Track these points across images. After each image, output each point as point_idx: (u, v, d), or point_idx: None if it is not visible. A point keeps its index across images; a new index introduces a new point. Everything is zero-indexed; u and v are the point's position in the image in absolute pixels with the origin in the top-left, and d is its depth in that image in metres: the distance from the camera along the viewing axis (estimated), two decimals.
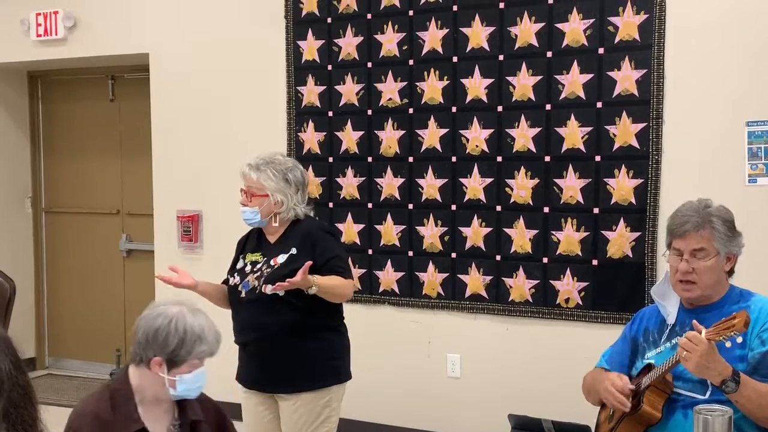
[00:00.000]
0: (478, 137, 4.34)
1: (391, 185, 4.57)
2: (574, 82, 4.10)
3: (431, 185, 4.47)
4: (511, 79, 4.25)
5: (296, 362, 3.20)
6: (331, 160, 4.72)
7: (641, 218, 4.00)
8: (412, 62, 4.48)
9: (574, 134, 4.12)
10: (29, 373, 1.51)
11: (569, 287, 4.16)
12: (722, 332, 2.35)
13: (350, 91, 4.64)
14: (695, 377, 2.56)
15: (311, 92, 4.75)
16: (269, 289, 3.13)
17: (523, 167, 4.24)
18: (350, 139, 4.66)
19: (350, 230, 4.67)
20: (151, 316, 2.35)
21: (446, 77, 4.40)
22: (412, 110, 4.50)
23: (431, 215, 4.48)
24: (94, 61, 5.66)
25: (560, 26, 4.13)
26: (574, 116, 4.12)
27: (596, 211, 4.10)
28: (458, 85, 4.37)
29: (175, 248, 5.24)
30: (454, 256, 4.43)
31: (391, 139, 4.55)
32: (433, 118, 4.44)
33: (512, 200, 4.28)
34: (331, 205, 4.72)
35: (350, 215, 4.68)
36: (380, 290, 4.63)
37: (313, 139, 4.76)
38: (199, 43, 5.11)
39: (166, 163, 5.30)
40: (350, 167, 4.67)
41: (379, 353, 4.62)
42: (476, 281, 4.38)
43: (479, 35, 4.31)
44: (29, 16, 5.58)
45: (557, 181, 4.18)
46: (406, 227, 4.55)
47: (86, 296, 6.24)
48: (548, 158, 4.19)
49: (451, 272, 4.45)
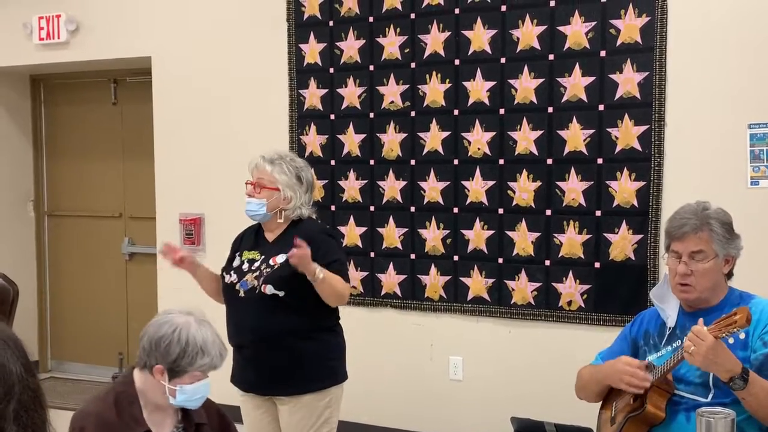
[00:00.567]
0: (480, 140, 4.34)
1: (393, 188, 4.57)
2: (576, 84, 4.11)
3: (433, 188, 4.47)
4: (513, 81, 4.25)
5: (295, 364, 3.17)
6: (333, 163, 4.73)
7: (643, 221, 4.00)
8: (413, 65, 4.48)
9: (576, 137, 4.12)
10: None
11: (571, 290, 4.16)
12: (724, 329, 2.35)
13: (352, 94, 4.65)
14: (698, 380, 2.56)
15: (313, 95, 4.76)
16: (269, 289, 3.11)
17: (525, 170, 4.24)
18: (352, 142, 4.66)
19: (352, 233, 4.67)
20: (157, 323, 2.35)
21: (448, 80, 4.40)
22: (414, 113, 4.50)
23: (433, 218, 4.48)
24: (96, 64, 5.67)
25: (562, 29, 4.13)
26: (576, 119, 4.12)
27: (598, 213, 4.10)
28: (460, 88, 4.38)
29: None
30: (456, 258, 4.44)
31: (393, 142, 4.56)
32: (435, 121, 4.45)
33: (514, 203, 4.28)
34: (333, 207, 4.72)
35: (352, 218, 4.69)
36: (382, 293, 4.63)
37: (315, 142, 4.77)
38: (201, 46, 5.12)
39: (168, 166, 5.30)
40: (352, 170, 4.67)
41: (381, 356, 4.62)
42: (478, 284, 4.38)
43: (481, 38, 4.31)
44: (32, 19, 5.59)
45: (559, 183, 4.18)
46: (408, 230, 4.55)
47: (89, 299, 6.24)
48: (550, 161, 4.19)
49: (453, 275, 4.45)
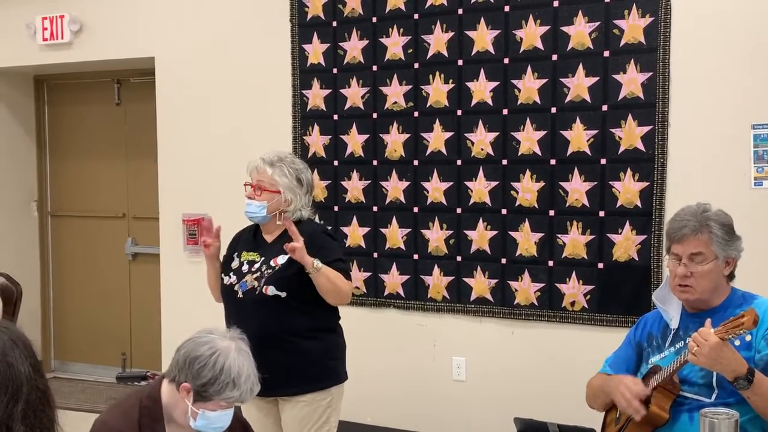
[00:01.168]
0: (483, 140, 4.34)
1: (396, 188, 4.57)
2: (579, 85, 4.10)
3: (436, 188, 4.46)
4: (516, 82, 4.25)
5: (296, 364, 3.16)
6: (336, 163, 4.73)
7: (647, 221, 3.99)
8: (417, 65, 4.48)
9: (579, 137, 4.12)
10: None
11: (575, 290, 4.16)
12: (731, 330, 2.35)
13: (355, 94, 4.64)
14: (701, 380, 2.56)
15: (316, 96, 4.76)
16: (271, 290, 3.11)
17: (528, 170, 4.24)
18: (355, 142, 4.66)
19: (355, 234, 4.67)
20: (198, 341, 2.28)
21: (451, 80, 4.40)
22: (417, 113, 4.50)
23: (436, 218, 4.48)
24: (99, 65, 5.68)
25: (565, 29, 4.12)
26: (579, 119, 4.11)
27: (602, 214, 4.09)
28: (463, 88, 4.37)
29: (180, 252, 5.24)
30: (459, 259, 4.43)
31: (396, 142, 4.55)
32: (438, 121, 4.44)
33: (518, 203, 4.28)
34: (336, 208, 4.72)
35: (355, 219, 4.68)
36: (385, 293, 4.63)
37: (318, 142, 4.77)
38: (204, 47, 5.12)
39: (171, 166, 5.30)
40: (355, 171, 4.67)
41: (384, 356, 4.62)
42: (481, 284, 4.38)
43: (484, 38, 4.31)
44: (35, 20, 5.59)
45: (563, 184, 4.17)
46: (411, 230, 4.54)
47: (92, 299, 6.25)
48: (554, 161, 4.18)
49: (456, 275, 4.44)
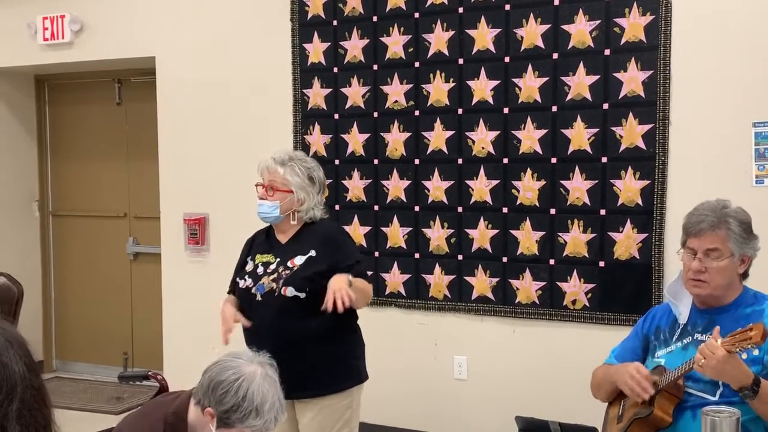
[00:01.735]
0: (484, 139, 4.34)
1: (397, 187, 4.57)
2: (580, 83, 4.10)
3: (437, 187, 4.46)
4: (517, 80, 4.24)
5: (318, 365, 3.10)
6: (337, 162, 4.73)
7: (648, 219, 3.99)
8: (417, 64, 4.48)
9: (580, 136, 4.11)
10: None
11: (576, 289, 4.15)
12: (738, 343, 2.32)
13: (356, 93, 4.64)
14: (706, 377, 2.55)
15: (317, 95, 4.75)
16: (290, 291, 3.05)
17: (529, 169, 4.24)
18: (356, 141, 4.66)
19: (356, 232, 4.66)
20: (225, 365, 2.24)
21: (452, 79, 4.40)
22: (418, 112, 4.50)
23: (437, 217, 4.48)
24: (100, 64, 5.68)
25: (566, 28, 4.12)
26: (580, 118, 4.11)
27: (603, 212, 4.09)
28: (464, 87, 4.37)
29: (182, 251, 5.24)
30: (460, 258, 4.43)
31: (397, 141, 4.55)
32: (439, 120, 4.44)
33: (519, 202, 4.28)
34: (337, 207, 4.72)
35: (356, 218, 4.68)
36: (387, 292, 4.63)
37: (319, 141, 4.76)
38: (204, 46, 5.12)
39: (172, 166, 5.30)
40: (356, 170, 4.67)
41: (385, 355, 4.61)
42: (483, 283, 4.38)
43: (485, 37, 4.31)
44: (36, 20, 5.59)
45: (564, 182, 4.17)
46: (412, 229, 4.54)
47: (93, 299, 6.25)
48: (554, 160, 4.18)
49: (457, 274, 4.44)
